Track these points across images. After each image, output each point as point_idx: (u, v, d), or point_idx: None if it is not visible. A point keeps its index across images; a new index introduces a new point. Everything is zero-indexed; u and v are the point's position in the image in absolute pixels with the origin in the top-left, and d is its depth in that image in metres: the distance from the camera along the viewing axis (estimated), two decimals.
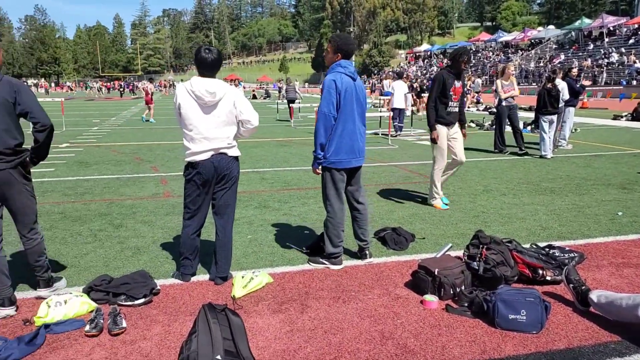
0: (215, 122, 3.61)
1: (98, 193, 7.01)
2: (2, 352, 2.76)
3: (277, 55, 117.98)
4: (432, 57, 68.09)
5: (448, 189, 7.17)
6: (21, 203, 3.39)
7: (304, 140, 13.34)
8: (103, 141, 13.19)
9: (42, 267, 3.58)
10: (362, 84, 4.19)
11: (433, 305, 3.45)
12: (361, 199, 4.31)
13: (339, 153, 4.05)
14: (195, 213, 3.84)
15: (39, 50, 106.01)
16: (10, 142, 3.22)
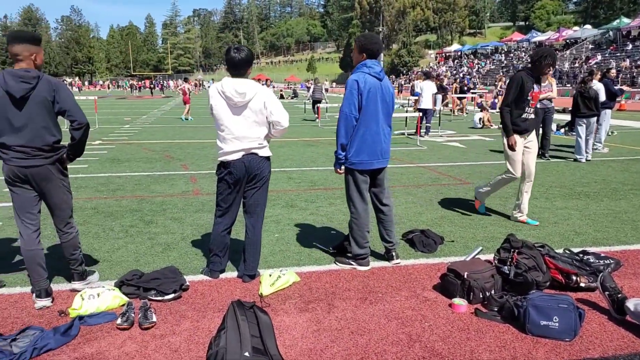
0: (245, 122, 3.64)
1: (129, 190, 7.16)
2: (39, 342, 2.85)
3: (305, 55, 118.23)
4: (462, 58, 67.22)
5: None
6: (58, 198, 3.50)
7: (330, 141, 13.33)
8: (134, 139, 13.46)
9: (76, 261, 3.68)
10: (389, 85, 4.13)
11: (462, 309, 3.40)
12: (385, 201, 4.28)
13: (360, 154, 4.02)
14: (226, 211, 3.88)
15: (74, 50, 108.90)
16: (49, 139, 3.32)
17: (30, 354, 2.78)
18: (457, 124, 18.09)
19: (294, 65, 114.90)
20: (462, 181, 7.82)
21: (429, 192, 7.06)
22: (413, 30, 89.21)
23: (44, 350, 2.84)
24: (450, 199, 6.63)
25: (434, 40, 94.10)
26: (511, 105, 5.29)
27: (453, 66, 65.07)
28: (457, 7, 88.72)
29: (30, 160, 3.28)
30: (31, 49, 3.24)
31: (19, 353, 2.76)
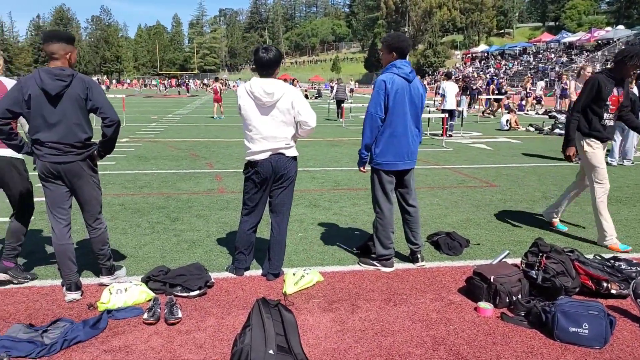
0: (273, 122, 3.66)
1: (156, 187, 7.27)
2: (70, 334, 2.91)
3: (330, 55, 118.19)
4: (490, 58, 66.28)
5: (505, 194, 6.96)
6: (88, 194, 3.58)
7: (354, 141, 13.31)
8: (161, 137, 13.66)
9: (105, 256, 3.75)
10: (418, 86, 4.09)
11: (488, 313, 3.35)
12: (412, 202, 4.25)
13: (386, 155, 4.00)
14: (252, 210, 3.91)
15: (103, 49, 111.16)
16: (81, 135, 3.40)
17: (61, 345, 2.85)
18: (483, 126, 17.85)
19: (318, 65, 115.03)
20: (488, 183, 7.71)
21: (455, 194, 6.98)
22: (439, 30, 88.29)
23: (73, 342, 2.91)
24: (476, 201, 6.54)
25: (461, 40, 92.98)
26: (585, 110, 4.71)
27: (480, 67, 64.22)
28: (485, 7, 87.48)
29: (62, 156, 3.37)
30: (66, 48, 3.34)
31: (50, 344, 2.83)
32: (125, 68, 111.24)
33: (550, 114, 21.40)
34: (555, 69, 48.55)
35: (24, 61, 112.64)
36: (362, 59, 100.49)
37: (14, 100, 3.23)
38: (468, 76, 27.79)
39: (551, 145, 12.55)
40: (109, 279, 3.80)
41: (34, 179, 3.70)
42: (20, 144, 3.39)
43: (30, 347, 2.80)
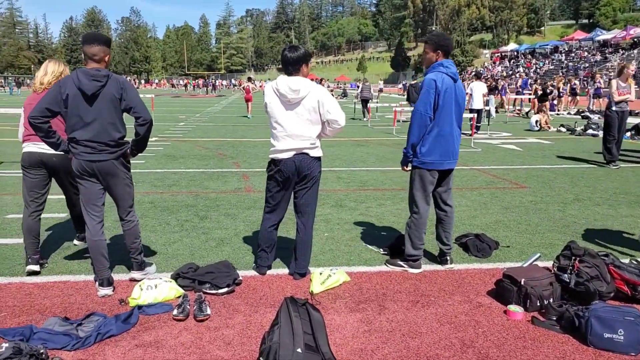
0: (298, 120, 3.66)
1: (184, 185, 7.37)
2: (103, 328, 2.99)
3: (356, 54, 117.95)
4: (520, 57, 65.05)
5: (536, 195, 6.83)
6: (122, 190, 3.68)
7: (380, 141, 13.25)
8: (188, 136, 13.85)
9: (136, 250, 3.85)
10: (462, 86, 4.09)
11: (518, 316, 3.29)
12: (449, 202, 4.22)
13: (432, 154, 3.97)
14: (274, 208, 3.93)
15: (132, 50, 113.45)
16: (115, 134, 3.49)
17: (95, 339, 2.92)
18: (512, 126, 17.55)
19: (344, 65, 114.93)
20: (518, 185, 7.58)
21: (484, 195, 6.89)
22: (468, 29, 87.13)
23: (106, 336, 2.98)
24: (505, 202, 6.44)
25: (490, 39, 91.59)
26: None
27: (509, 66, 63.13)
28: (515, 5, 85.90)
29: (96, 155, 3.46)
30: (105, 50, 3.48)
31: (84, 337, 2.90)
32: (154, 68, 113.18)
33: (583, 114, 20.90)
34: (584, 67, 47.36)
35: None
36: (389, 59, 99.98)
37: (53, 99, 3.35)
38: (494, 75, 27.27)
39: (584, 146, 12.26)
40: (140, 275, 3.87)
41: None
42: (57, 142, 3.48)
43: (66, 339, 2.88)
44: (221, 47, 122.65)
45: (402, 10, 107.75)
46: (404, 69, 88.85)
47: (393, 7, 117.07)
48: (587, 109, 22.67)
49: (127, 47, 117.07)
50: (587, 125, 15.24)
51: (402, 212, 5.89)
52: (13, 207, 5.92)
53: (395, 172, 8.58)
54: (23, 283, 3.80)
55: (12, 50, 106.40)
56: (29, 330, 2.95)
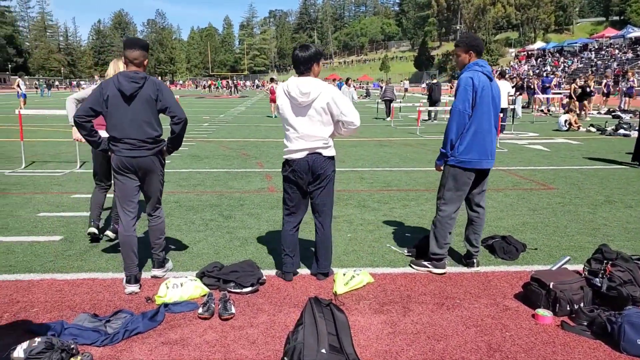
0: (310, 122, 3.65)
1: (209, 185, 7.44)
2: (130, 325, 3.04)
3: (379, 54, 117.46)
4: (547, 56, 63.79)
5: (564, 197, 6.68)
6: (155, 186, 3.83)
7: (404, 141, 13.16)
8: (213, 137, 13.99)
9: (160, 246, 3.93)
10: (497, 85, 4.05)
11: (547, 321, 3.22)
12: (482, 203, 4.17)
13: (470, 152, 3.91)
14: (293, 210, 3.93)
15: (158, 51, 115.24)
16: (151, 132, 3.66)
17: (122, 336, 2.97)
18: (539, 126, 17.23)
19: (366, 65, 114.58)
20: (545, 186, 7.43)
21: (510, 196, 6.77)
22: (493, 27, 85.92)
23: (134, 333, 3.02)
24: (532, 204, 6.31)
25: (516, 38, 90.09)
26: None
27: (536, 65, 62.01)
28: (542, 2, 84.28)
29: (136, 151, 3.62)
30: (144, 54, 3.69)
31: (112, 334, 2.96)
32: (178, 69, 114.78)
33: (613, 113, 20.38)
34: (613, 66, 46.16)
35: (85, 64, 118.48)
36: (412, 58, 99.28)
37: (96, 100, 3.57)
38: (520, 74, 26.77)
39: (615, 146, 11.96)
40: (161, 272, 3.94)
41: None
42: (99, 141, 3.68)
43: (95, 335, 2.93)
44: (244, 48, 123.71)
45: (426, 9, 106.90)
46: (427, 68, 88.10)
47: (417, 6, 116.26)
48: (619, 108, 22.09)
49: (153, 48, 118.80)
50: (619, 125, 14.85)
51: (426, 214, 5.84)
52: (45, 206, 6.07)
53: (419, 172, 8.51)
54: (54, 280, 3.89)
55: (43, 53, 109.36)
56: (59, 326, 3.01)
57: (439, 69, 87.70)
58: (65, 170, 8.45)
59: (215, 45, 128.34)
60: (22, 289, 3.71)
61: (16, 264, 4.19)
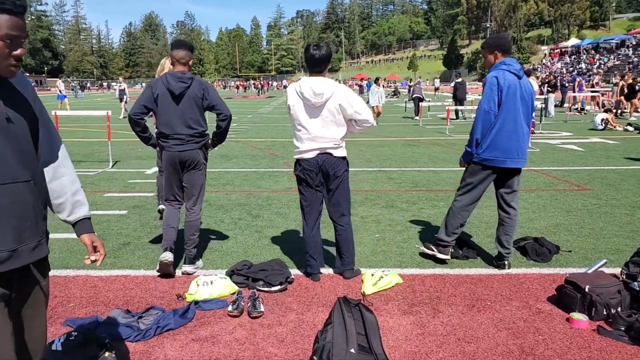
0: (323, 123, 3.64)
1: (238, 184, 7.52)
2: (162, 321, 3.09)
3: (407, 53, 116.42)
4: (582, 53, 62.10)
5: (600, 198, 6.50)
6: (198, 179, 4.05)
7: (433, 141, 13.01)
8: (241, 137, 14.13)
9: (193, 242, 4.04)
10: (528, 83, 3.98)
11: (582, 325, 3.14)
12: (513, 204, 4.11)
13: (494, 150, 3.89)
14: (309, 210, 3.92)
15: None
16: (198, 128, 3.95)
17: (154, 332, 3.02)
18: (573, 125, 16.80)
19: (394, 64, 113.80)
20: (580, 187, 7.24)
21: (543, 197, 6.62)
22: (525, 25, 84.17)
23: (165, 330, 3.08)
24: (566, 205, 6.16)
25: (548, 35, 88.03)
26: None
27: (570, 62, 60.47)
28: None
29: (184, 145, 3.90)
30: (190, 54, 3.94)
31: (145, 329, 3.02)
32: (207, 70, 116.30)
33: None
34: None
35: (117, 66, 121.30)
36: (441, 57, 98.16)
37: (148, 98, 3.87)
38: (553, 72, 26.07)
39: None
40: (191, 268, 4.03)
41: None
42: (149, 137, 4.00)
43: (129, 331, 3.00)
44: (272, 49, 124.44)
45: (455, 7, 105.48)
46: (456, 67, 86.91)
47: (446, 5, 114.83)
48: None
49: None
50: None
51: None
52: None
53: (448, 172, 8.41)
54: (88, 276, 3.99)
55: (77, 55, 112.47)
56: (95, 321, 3.10)
57: (469, 68, 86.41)
58: (98, 170, 8.67)
59: (243, 46, 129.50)
60: (59, 284, 3.82)
61: (53, 260, 4.31)
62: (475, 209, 5.88)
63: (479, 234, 5.05)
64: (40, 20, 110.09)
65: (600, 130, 15.01)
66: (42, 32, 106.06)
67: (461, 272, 4.07)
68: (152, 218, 5.59)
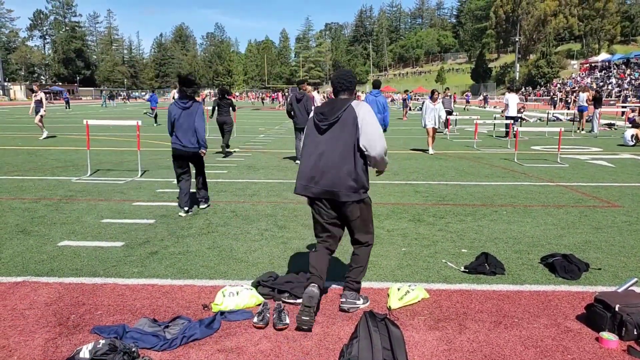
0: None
1: (264, 195, 7.59)
2: (188, 331, 3.14)
3: (434, 66, 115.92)
4: (612, 68, 60.88)
5: (630, 215, 6.34)
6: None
7: (460, 154, 12.90)
8: (268, 148, 14.26)
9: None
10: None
11: (612, 345, 3.07)
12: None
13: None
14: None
15: (216, 64, 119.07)
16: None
17: (180, 341, 3.07)
18: (603, 141, 16.44)
19: (422, 77, 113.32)
20: (610, 204, 7.08)
21: (571, 213, 6.49)
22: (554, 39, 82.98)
23: (191, 339, 3.12)
24: (596, 222, 6.03)
25: (578, 49, 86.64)
26: None
27: (600, 77, 59.31)
28: (608, 12, 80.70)
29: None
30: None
31: (171, 339, 3.06)
32: (236, 81, 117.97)
33: None
34: None
35: (147, 76, 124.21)
36: (469, 70, 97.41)
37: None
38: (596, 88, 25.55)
39: None
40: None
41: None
42: None
43: (155, 340, 3.05)
44: (300, 61, 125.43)
45: (483, 21, 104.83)
46: (485, 80, 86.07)
47: (474, 18, 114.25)
48: None
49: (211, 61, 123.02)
50: None
51: (483, 229, 5.70)
52: (108, 213, 6.38)
53: (476, 187, 8.32)
54: (116, 284, 4.07)
55: (109, 65, 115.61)
56: (122, 329, 3.15)
57: (497, 81, 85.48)
58: (127, 179, 8.87)
59: (272, 58, 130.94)
60: (87, 292, 3.91)
61: (82, 267, 4.43)
62: (503, 224, 5.88)
63: (507, 249, 4.98)
64: (74, 31, 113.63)
65: (631, 146, 14.64)
66: (76, 43, 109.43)
67: (488, 288, 4.02)
68: (179, 227, 5.69)
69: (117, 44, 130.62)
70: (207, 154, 6.45)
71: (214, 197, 7.28)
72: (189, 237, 5.35)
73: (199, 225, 5.79)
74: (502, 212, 6.56)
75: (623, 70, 57.15)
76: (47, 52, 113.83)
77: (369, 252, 3.76)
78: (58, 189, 7.90)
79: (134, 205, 6.82)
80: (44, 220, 6.01)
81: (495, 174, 9.67)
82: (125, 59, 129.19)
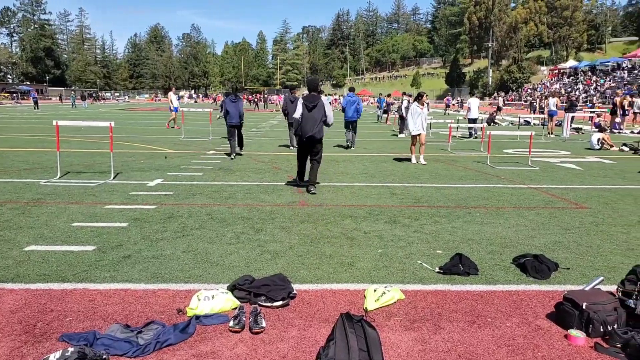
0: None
1: (240, 198, 7.55)
2: (162, 336, 3.10)
3: (410, 70, 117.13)
4: (579, 74, 62.63)
5: (597, 216, 6.53)
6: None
7: (434, 157, 13.06)
8: (244, 150, 14.18)
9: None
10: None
11: (579, 342, 3.16)
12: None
13: None
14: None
15: (192, 65, 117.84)
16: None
17: (154, 347, 3.03)
18: (571, 145, 16.88)
19: (397, 81, 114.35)
20: (578, 205, 7.28)
21: (542, 215, 6.65)
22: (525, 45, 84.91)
23: (165, 345, 3.08)
24: (565, 223, 6.19)
25: (548, 56, 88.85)
26: None
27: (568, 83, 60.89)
28: (575, 21, 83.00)
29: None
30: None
31: (144, 345, 3.02)
32: (212, 83, 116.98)
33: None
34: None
35: (120, 76, 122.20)
36: (443, 75, 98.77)
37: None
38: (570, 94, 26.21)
39: None
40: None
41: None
42: None
43: (127, 346, 3.00)
44: (277, 63, 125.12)
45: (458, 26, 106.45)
46: (459, 85, 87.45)
47: (449, 24, 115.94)
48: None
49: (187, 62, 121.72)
50: None
51: (457, 231, 5.79)
52: (78, 216, 6.24)
53: (451, 189, 8.45)
54: (86, 290, 3.97)
55: (80, 65, 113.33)
56: (92, 336, 3.07)
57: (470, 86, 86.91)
58: (99, 181, 8.69)
59: (249, 60, 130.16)
60: (55, 298, 3.80)
61: (50, 272, 4.30)
62: (476, 225, 5.99)
63: (480, 250, 5.08)
64: (44, 29, 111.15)
65: (597, 149, 15.08)
66: (45, 41, 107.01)
67: (462, 289, 4.09)
68: (153, 231, 5.62)
69: (89, 44, 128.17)
70: (183, 155, 6.34)
71: (188, 200, 7.22)
72: (163, 240, 5.28)
73: (173, 229, 5.73)
74: (476, 213, 6.68)
75: (589, 77, 58.83)
76: (15, 51, 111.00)
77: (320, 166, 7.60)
78: (25, 192, 7.69)
79: (106, 209, 6.69)
80: (9, 224, 5.83)
81: (469, 177, 9.83)
82: (98, 59, 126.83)
